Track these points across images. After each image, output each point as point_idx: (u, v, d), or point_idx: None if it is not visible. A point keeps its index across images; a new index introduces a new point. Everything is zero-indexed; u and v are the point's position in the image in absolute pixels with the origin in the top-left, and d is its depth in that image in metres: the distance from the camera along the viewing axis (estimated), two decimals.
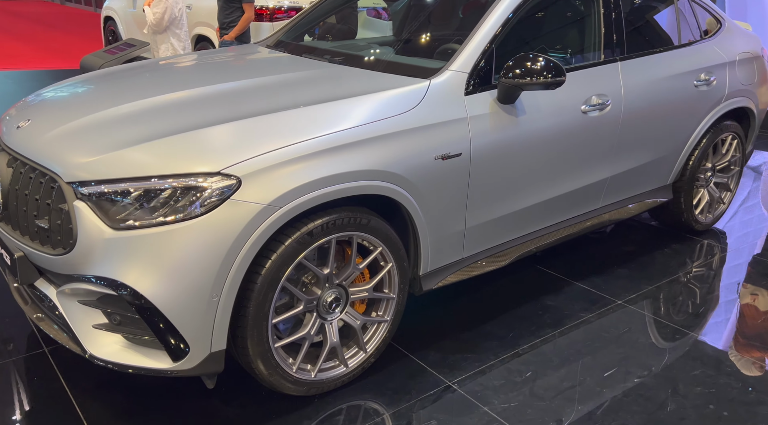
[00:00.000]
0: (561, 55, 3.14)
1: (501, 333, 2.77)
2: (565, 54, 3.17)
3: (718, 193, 4.04)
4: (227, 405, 2.25)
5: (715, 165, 3.94)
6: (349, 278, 2.26)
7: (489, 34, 2.58)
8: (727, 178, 4.03)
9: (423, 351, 2.61)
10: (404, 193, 2.26)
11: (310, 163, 1.99)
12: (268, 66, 2.99)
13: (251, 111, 2.14)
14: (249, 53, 3.26)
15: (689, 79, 3.45)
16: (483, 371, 2.50)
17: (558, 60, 3.22)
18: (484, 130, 2.50)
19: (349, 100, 2.27)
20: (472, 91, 2.50)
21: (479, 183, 2.54)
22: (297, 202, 1.94)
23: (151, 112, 2.22)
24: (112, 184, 1.86)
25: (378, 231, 2.24)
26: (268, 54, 3.16)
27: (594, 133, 2.97)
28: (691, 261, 3.59)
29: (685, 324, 2.89)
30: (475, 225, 2.62)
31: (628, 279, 3.33)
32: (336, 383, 2.31)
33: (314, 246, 2.07)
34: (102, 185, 1.87)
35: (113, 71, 2.98)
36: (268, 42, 3.45)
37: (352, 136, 2.12)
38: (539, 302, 3.06)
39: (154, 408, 2.22)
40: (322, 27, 3.79)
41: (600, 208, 3.29)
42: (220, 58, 3.27)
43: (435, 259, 2.54)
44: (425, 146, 2.30)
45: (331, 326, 2.26)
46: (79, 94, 2.56)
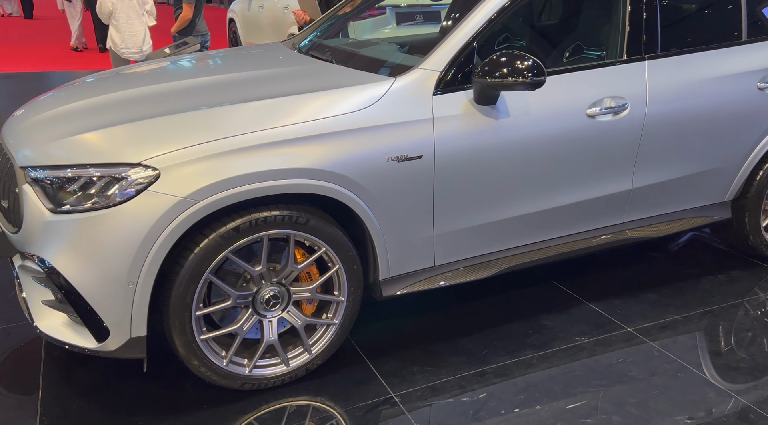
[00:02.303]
0: (565, 52, 2.86)
1: (474, 349, 2.60)
2: (571, 51, 2.89)
3: None
4: (163, 388, 2.33)
5: None
6: (290, 277, 2.25)
7: (470, 32, 2.42)
8: None
9: (382, 359, 2.53)
10: (350, 194, 2.20)
11: (236, 158, 2.01)
12: (243, 63, 3.05)
13: (192, 105, 2.21)
14: (244, 51, 3.35)
15: (751, 80, 2.99)
16: (434, 386, 2.37)
17: (565, 58, 2.99)
18: (455, 133, 2.36)
19: (298, 96, 2.25)
20: (443, 91, 2.37)
21: (449, 188, 2.40)
22: (217, 197, 1.97)
23: (109, 105, 2.37)
24: (52, 170, 2.01)
25: (319, 232, 2.20)
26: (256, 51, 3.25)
27: (605, 140, 2.68)
28: (746, 293, 3.11)
29: (697, 364, 2.52)
30: (447, 233, 2.48)
31: (652, 305, 2.97)
32: (274, 381, 2.31)
33: (242, 242, 2.09)
34: (44, 170, 2.02)
35: (121, 69, 3.21)
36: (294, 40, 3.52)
37: (289, 133, 2.10)
38: (535, 320, 2.83)
39: (86, 386, 2.35)
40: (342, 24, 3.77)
41: (622, 223, 2.96)
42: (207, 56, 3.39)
43: (398, 265, 2.45)
44: (376, 147, 2.22)
45: (270, 323, 2.27)
46: (74, 88, 2.77)
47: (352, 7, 3.57)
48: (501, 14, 2.45)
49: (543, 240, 2.78)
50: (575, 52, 3.13)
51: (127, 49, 5.82)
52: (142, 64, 3.36)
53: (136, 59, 5.85)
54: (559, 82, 2.60)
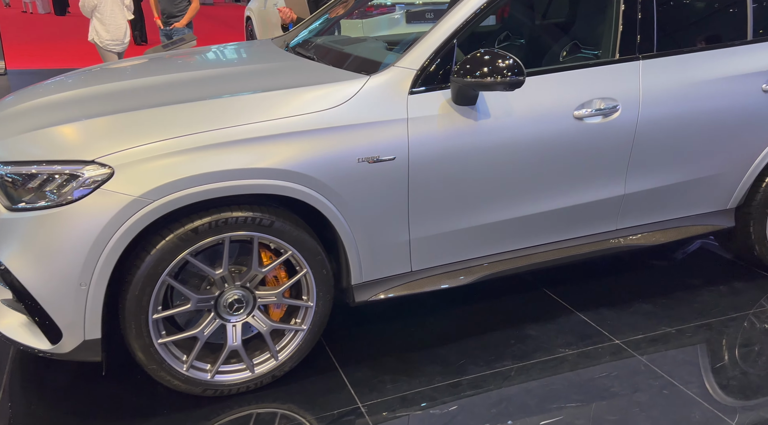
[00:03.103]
0: (557, 51, 2.75)
1: (452, 359, 2.50)
2: (564, 51, 2.77)
3: None
4: (126, 392, 2.28)
5: None
6: (254, 280, 2.18)
7: (449, 30, 2.33)
8: None
9: (355, 366, 2.45)
10: (317, 196, 2.12)
11: (194, 157, 1.95)
12: (222, 59, 2.99)
13: (156, 102, 2.15)
14: (227, 48, 3.29)
15: (755, 81, 2.83)
16: (405, 397, 2.27)
17: (557, 57, 2.88)
18: (431, 134, 2.27)
19: (264, 93, 2.19)
20: (420, 91, 2.27)
21: (425, 192, 2.31)
22: (173, 197, 1.91)
23: (76, 100, 2.33)
24: (10, 166, 1.97)
25: (285, 234, 2.13)
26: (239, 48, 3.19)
27: (594, 142, 2.56)
28: (748, 306, 2.94)
29: (685, 381, 2.38)
30: (424, 237, 2.39)
31: (645, 317, 2.83)
32: (238, 388, 2.24)
33: (202, 244, 2.02)
34: (3, 166, 1.98)
35: (105, 64, 3.18)
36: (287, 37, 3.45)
37: (251, 132, 2.03)
38: (519, 329, 2.72)
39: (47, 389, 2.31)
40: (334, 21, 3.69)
41: (615, 230, 2.83)
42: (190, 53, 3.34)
43: (371, 270, 2.36)
44: (346, 147, 2.14)
45: (234, 328, 2.20)
46: (48, 84, 2.73)
47: (345, 9, 3.48)
48: (481, 13, 2.35)
49: (529, 246, 2.67)
50: (568, 51, 3.01)
51: (111, 41, 6.04)
52: (126, 61, 3.33)
53: (118, 51, 6.10)
54: (545, 82, 2.49)
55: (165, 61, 3.02)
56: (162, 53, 3.70)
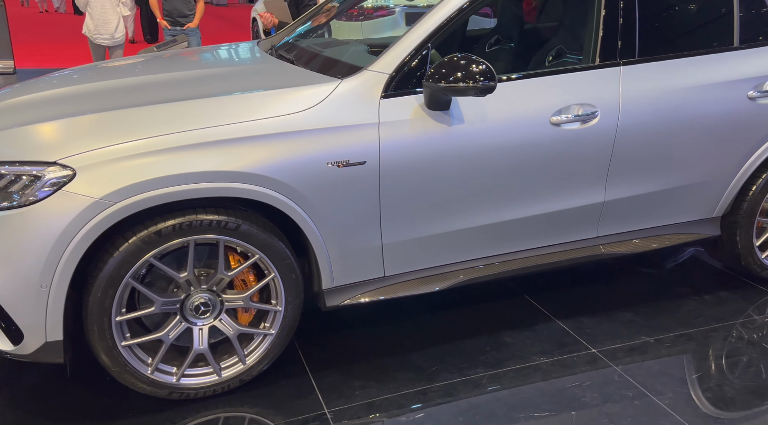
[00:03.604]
0: (538, 57, 2.72)
1: (424, 365, 2.48)
2: (544, 56, 2.75)
3: None
4: (92, 394, 2.27)
5: None
6: (221, 284, 2.17)
7: (422, 35, 2.31)
8: None
9: (326, 372, 2.43)
10: (284, 199, 2.11)
11: (157, 159, 1.94)
12: (200, 61, 2.99)
13: (125, 104, 2.15)
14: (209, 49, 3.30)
15: (740, 89, 2.79)
16: (372, 404, 2.25)
17: (537, 63, 2.85)
18: (403, 139, 2.25)
19: (232, 96, 2.18)
20: (392, 95, 2.26)
21: (397, 196, 2.29)
22: (135, 199, 1.90)
23: (49, 101, 2.34)
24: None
25: (252, 238, 2.12)
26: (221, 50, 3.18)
27: (572, 149, 2.53)
28: (731, 317, 2.90)
29: (659, 392, 2.35)
30: (397, 242, 2.37)
31: (625, 325, 2.80)
32: (205, 391, 2.23)
33: (166, 246, 2.01)
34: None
35: (97, 63, 3.19)
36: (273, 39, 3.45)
37: (216, 135, 2.02)
38: (496, 336, 2.69)
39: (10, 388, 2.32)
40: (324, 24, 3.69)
41: (595, 238, 2.80)
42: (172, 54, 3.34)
43: (343, 274, 2.35)
44: (315, 151, 2.13)
45: (201, 331, 2.19)
46: (29, 83, 2.74)
47: (327, 17, 3.46)
48: (454, 19, 2.34)
49: (506, 252, 2.65)
50: (554, 56, 2.98)
51: (99, 35, 6.30)
52: (114, 60, 3.34)
53: (108, 45, 6.39)
54: (522, 87, 2.47)
55: (147, 62, 3.02)
56: (152, 54, 3.71)
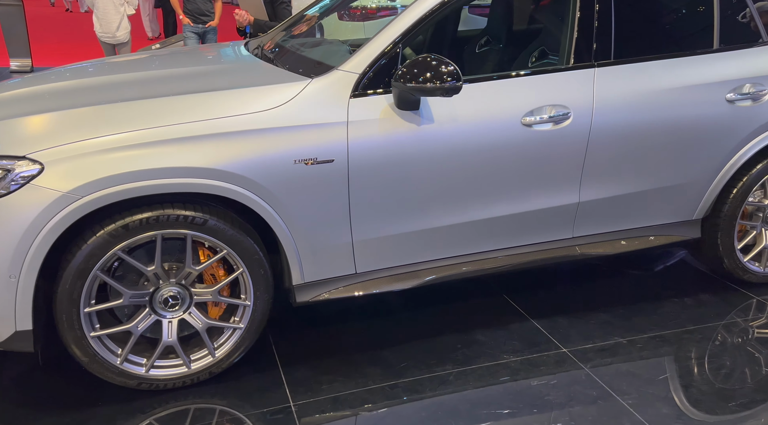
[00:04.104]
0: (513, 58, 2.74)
1: (394, 361, 2.51)
2: (529, 56, 2.76)
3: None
4: (60, 382, 2.33)
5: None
6: (189, 278, 2.21)
7: (392, 36, 2.35)
8: None
9: (296, 366, 2.47)
10: (252, 196, 2.15)
11: (125, 155, 1.99)
12: (179, 60, 3.03)
13: (98, 100, 2.21)
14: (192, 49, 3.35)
15: (718, 91, 2.79)
16: (338, 398, 2.29)
17: (522, 62, 2.87)
18: (372, 138, 2.29)
19: (201, 94, 2.23)
20: (362, 94, 2.29)
21: (366, 194, 2.33)
22: (101, 193, 1.95)
23: (29, 97, 2.42)
24: None
25: (219, 233, 2.16)
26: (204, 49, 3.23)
27: (544, 150, 2.55)
28: (708, 320, 2.89)
29: (624, 392, 2.36)
30: (367, 240, 2.41)
31: (600, 326, 2.81)
32: (175, 383, 2.28)
33: (133, 240, 2.07)
34: None
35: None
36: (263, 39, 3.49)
37: (184, 131, 2.07)
38: (469, 334, 2.72)
39: None
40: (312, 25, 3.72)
41: (571, 238, 2.81)
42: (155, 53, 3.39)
43: (314, 270, 2.38)
44: (282, 149, 2.17)
45: (170, 324, 2.24)
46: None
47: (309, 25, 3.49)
48: (425, 21, 2.37)
49: (479, 251, 2.67)
50: (537, 57, 3.00)
51: (104, 34, 6.66)
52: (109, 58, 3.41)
53: (111, 43, 6.71)
54: (494, 88, 2.50)
55: (130, 61, 3.08)
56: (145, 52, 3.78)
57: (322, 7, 3.55)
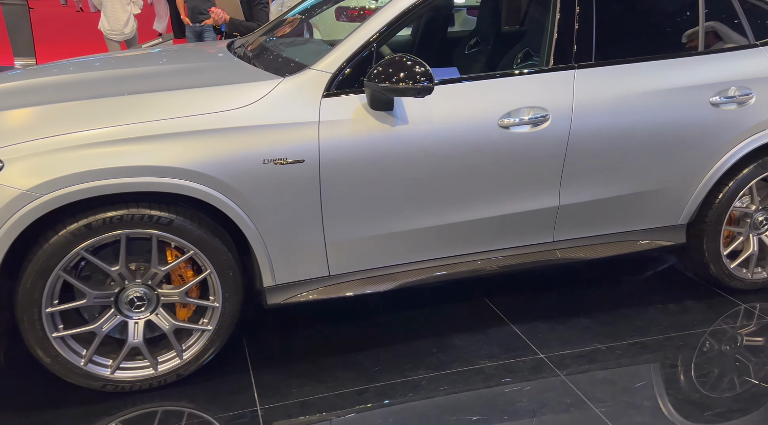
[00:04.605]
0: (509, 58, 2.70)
1: (367, 365, 2.48)
2: (507, 58, 2.73)
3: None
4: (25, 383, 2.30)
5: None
6: (156, 278, 2.18)
7: (366, 36, 2.31)
8: None
9: (267, 368, 2.44)
10: (219, 196, 2.12)
11: (87, 153, 1.96)
12: (157, 59, 3.01)
13: (64, 98, 2.18)
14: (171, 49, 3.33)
15: (702, 94, 2.74)
16: (306, 402, 2.26)
17: (508, 63, 2.83)
18: (345, 138, 2.25)
19: (169, 92, 2.20)
20: (335, 94, 2.26)
21: (339, 196, 2.29)
22: (62, 192, 1.93)
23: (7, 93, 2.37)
24: None
25: (186, 234, 2.13)
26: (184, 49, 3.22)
27: (522, 152, 2.51)
28: (691, 327, 2.83)
29: (598, 400, 2.31)
30: (341, 242, 2.37)
31: (580, 332, 2.77)
32: (141, 384, 2.25)
33: (96, 239, 2.04)
34: None
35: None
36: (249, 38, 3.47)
37: (150, 130, 2.04)
38: (446, 338, 2.68)
39: None
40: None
41: (551, 242, 2.77)
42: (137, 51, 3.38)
43: (285, 272, 2.35)
44: (251, 148, 2.14)
45: (137, 325, 2.21)
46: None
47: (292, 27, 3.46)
48: (399, 21, 2.33)
49: (456, 255, 2.63)
50: (522, 58, 2.97)
51: (111, 31, 6.87)
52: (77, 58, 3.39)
53: (118, 40, 6.89)
54: (471, 89, 2.46)
55: (110, 59, 3.06)
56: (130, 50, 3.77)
57: (310, 6, 3.53)
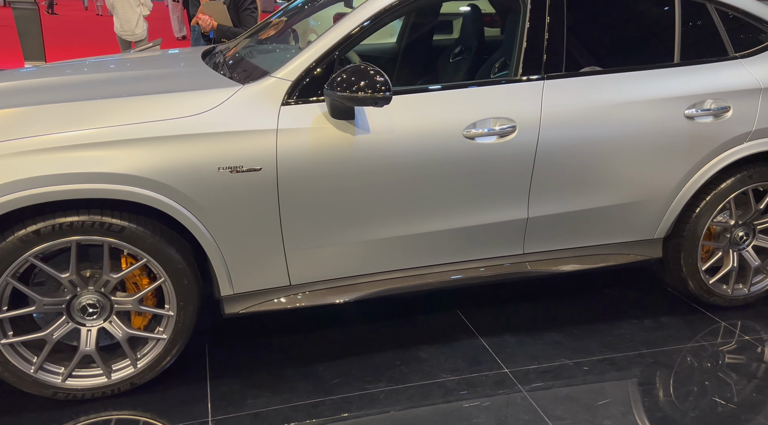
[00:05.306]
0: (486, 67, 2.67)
1: (327, 377, 2.44)
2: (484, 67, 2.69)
3: (759, 262, 3.09)
4: None
5: (752, 223, 3.03)
6: (108, 286, 2.16)
7: (327, 44, 2.29)
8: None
9: (225, 378, 2.41)
10: (171, 203, 2.10)
11: (32, 159, 1.95)
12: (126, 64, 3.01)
13: (23, 102, 2.18)
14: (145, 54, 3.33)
15: (677, 107, 2.69)
16: (259, 414, 2.22)
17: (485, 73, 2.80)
18: (304, 146, 2.23)
19: (123, 99, 2.19)
20: (295, 102, 2.24)
21: (298, 204, 2.27)
22: (7, 198, 1.91)
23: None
24: None
25: (138, 241, 2.11)
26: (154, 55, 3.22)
27: (487, 163, 2.47)
28: (664, 343, 2.78)
29: (558, 418, 2.26)
30: (301, 251, 2.35)
31: (549, 346, 2.72)
32: (93, 393, 2.23)
33: (46, 246, 2.02)
34: None
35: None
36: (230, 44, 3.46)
37: (100, 136, 2.02)
38: (411, 351, 2.64)
39: None
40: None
41: (521, 254, 2.73)
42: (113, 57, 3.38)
43: (243, 282, 2.33)
44: (206, 155, 2.12)
45: (90, 332, 2.19)
46: None
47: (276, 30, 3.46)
48: (361, 31, 2.31)
49: (422, 266, 2.59)
50: (498, 68, 2.94)
51: (123, 32, 7.30)
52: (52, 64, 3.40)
53: (130, 40, 7.36)
54: (434, 99, 2.43)
55: (86, 64, 3.06)
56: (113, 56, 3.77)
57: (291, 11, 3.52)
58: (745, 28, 2.91)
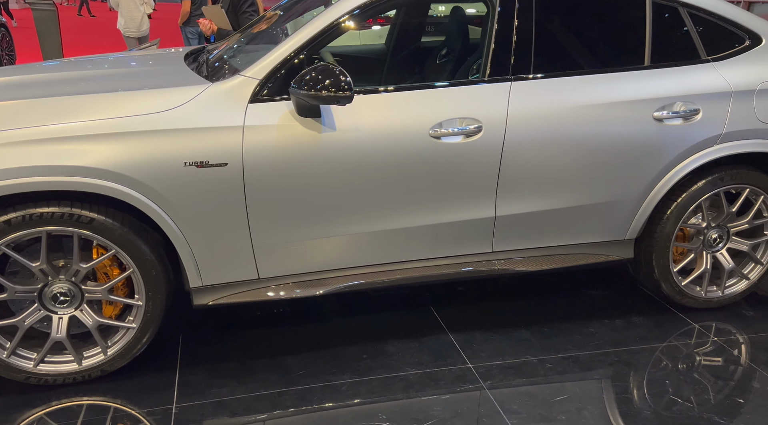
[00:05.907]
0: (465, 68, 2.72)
1: (293, 368, 2.51)
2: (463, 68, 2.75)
3: (734, 265, 3.12)
4: None
5: (726, 225, 3.06)
6: (79, 275, 2.25)
7: (295, 45, 2.36)
8: (751, 246, 3.08)
9: (194, 368, 2.49)
10: (138, 196, 2.17)
11: (4, 151, 2.03)
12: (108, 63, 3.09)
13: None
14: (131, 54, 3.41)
15: (645, 109, 2.72)
16: (222, 402, 2.30)
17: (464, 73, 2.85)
18: (270, 143, 2.30)
19: (94, 95, 2.27)
20: (262, 100, 2.31)
21: (264, 200, 2.33)
22: None
23: None
24: None
25: (107, 232, 2.19)
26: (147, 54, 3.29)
27: (453, 163, 2.52)
28: (631, 342, 2.81)
29: (514, 412, 2.31)
30: (269, 245, 2.42)
31: (516, 343, 2.76)
32: (65, 378, 2.31)
33: (16, 236, 2.11)
34: None
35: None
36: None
37: (69, 131, 2.10)
38: (380, 345, 2.70)
39: None
40: None
41: (491, 253, 2.78)
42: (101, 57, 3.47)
43: (212, 274, 2.40)
44: (172, 150, 2.19)
45: (61, 320, 2.27)
46: None
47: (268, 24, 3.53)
48: (328, 31, 2.37)
49: (390, 262, 2.65)
50: (476, 68, 2.98)
51: (128, 29, 7.44)
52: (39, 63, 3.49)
53: (135, 37, 7.48)
54: (402, 98, 2.49)
55: (69, 62, 3.15)
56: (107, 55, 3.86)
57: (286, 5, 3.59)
58: (718, 31, 2.93)
